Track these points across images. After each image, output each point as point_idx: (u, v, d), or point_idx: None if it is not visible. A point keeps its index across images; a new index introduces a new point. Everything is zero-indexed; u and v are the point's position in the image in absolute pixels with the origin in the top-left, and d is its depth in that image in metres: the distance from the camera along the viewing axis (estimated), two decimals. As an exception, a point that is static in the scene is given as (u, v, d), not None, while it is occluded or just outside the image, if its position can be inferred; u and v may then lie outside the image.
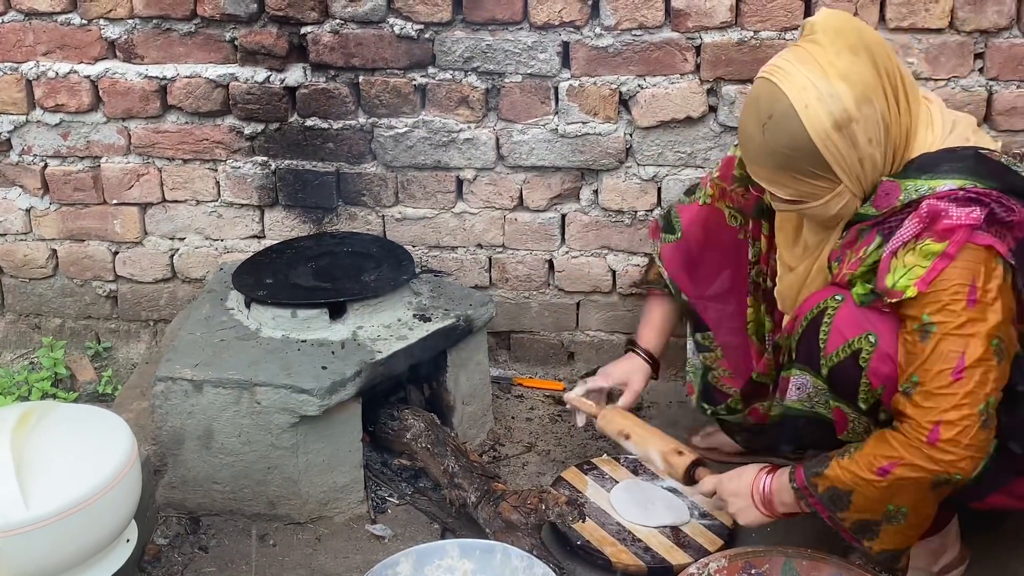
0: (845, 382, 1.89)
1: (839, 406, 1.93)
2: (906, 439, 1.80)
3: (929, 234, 1.78)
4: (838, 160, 1.82)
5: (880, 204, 1.85)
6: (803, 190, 1.88)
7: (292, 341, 2.37)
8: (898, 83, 1.85)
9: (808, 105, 1.79)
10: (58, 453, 1.86)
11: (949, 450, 1.76)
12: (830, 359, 1.89)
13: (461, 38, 2.66)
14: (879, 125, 1.82)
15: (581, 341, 2.95)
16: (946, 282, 1.76)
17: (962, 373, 1.76)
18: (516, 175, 2.79)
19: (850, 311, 1.86)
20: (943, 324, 1.77)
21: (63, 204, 2.95)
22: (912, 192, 1.82)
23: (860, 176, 1.86)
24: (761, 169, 1.89)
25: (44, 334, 3.07)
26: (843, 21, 1.87)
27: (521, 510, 2.18)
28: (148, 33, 2.75)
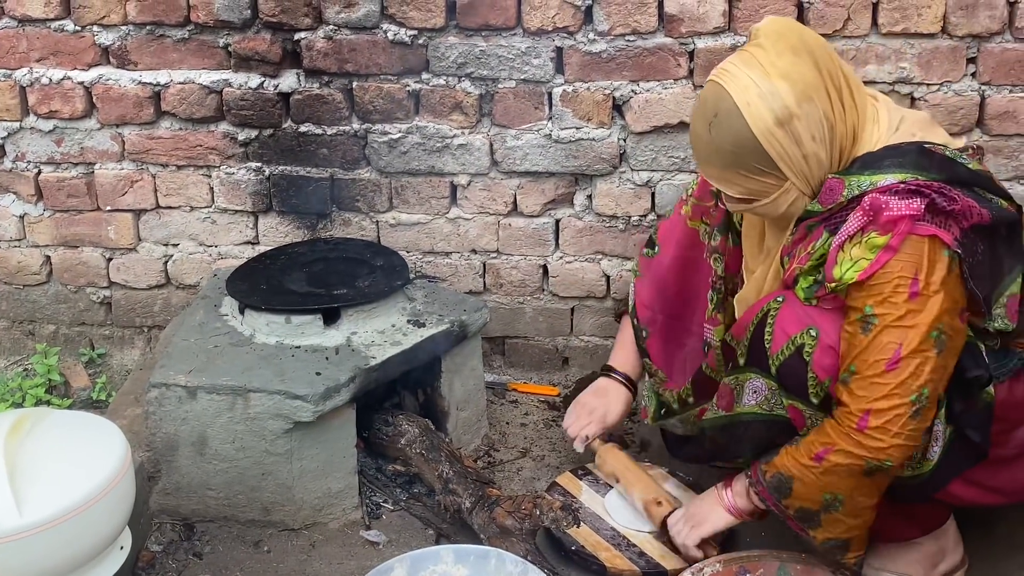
0: (794, 378, 1.92)
1: (792, 403, 1.95)
2: (839, 426, 1.86)
3: (873, 227, 1.82)
4: (782, 156, 1.87)
5: (825, 200, 1.91)
6: (752, 187, 1.93)
7: (286, 347, 2.37)
8: (841, 83, 1.90)
9: (750, 103, 1.85)
10: (52, 460, 1.85)
11: (877, 437, 1.82)
12: (776, 358, 1.93)
13: (455, 44, 2.66)
14: (822, 123, 1.87)
15: (575, 346, 2.95)
16: (889, 274, 1.81)
17: (897, 364, 1.81)
18: (510, 180, 2.79)
19: (791, 309, 1.91)
20: (884, 316, 1.82)
21: (57, 211, 2.95)
22: (855, 188, 1.87)
23: (806, 173, 1.90)
24: (711, 168, 1.95)
25: (38, 341, 3.07)
26: (785, 26, 1.94)
27: (515, 516, 2.18)
28: (142, 39, 2.75)
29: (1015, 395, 1.95)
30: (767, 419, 2.00)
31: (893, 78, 2.58)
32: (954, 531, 2.13)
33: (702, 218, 2.29)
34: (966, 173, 1.87)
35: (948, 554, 2.12)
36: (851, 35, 2.56)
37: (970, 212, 1.82)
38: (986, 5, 2.50)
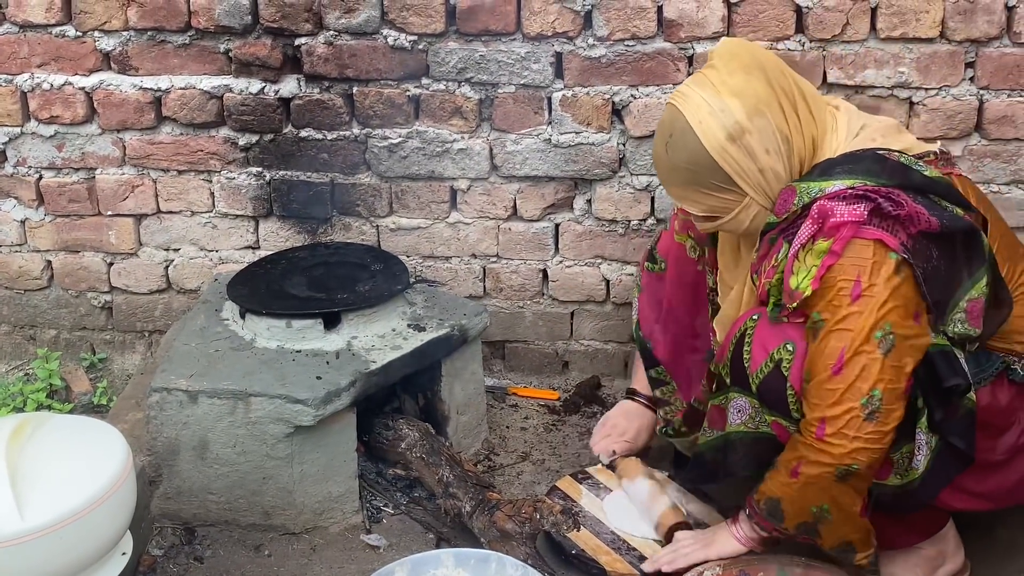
0: (774, 394, 1.93)
1: (775, 419, 1.96)
2: (803, 438, 1.89)
3: (821, 234, 1.84)
4: (737, 171, 1.91)
5: (779, 210, 1.94)
6: (712, 204, 1.96)
7: (287, 351, 2.38)
8: (795, 96, 1.93)
9: (702, 121, 1.89)
10: (53, 464, 1.86)
11: (836, 443, 1.84)
12: (756, 376, 1.94)
13: (454, 49, 2.67)
14: (775, 136, 1.90)
15: (575, 350, 2.96)
16: (833, 279, 1.83)
17: (841, 368, 1.82)
18: (510, 185, 2.80)
19: (767, 326, 1.93)
20: (828, 320, 1.84)
21: (58, 215, 2.95)
22: (805, 195, 1.89)
23: (764, 187, 1.93)
24: (672, 187, 2.00)
25: (39, 345, 3.07)
26: (737, 46, 1.98)
27: (516, 519, 2.18)
28: (143, 45, 2.76)
29: (998, 400, 1.95)
30: (754, 436, 2.01)
31: (892, 82, 2.59)
32: (954, 535, 2.13)
33: (688, 232, 2.31)
34: (920, 179, 1.88)
35: (949, 558, 2.12)
36: (850, 40, 2.57)
37: (918, 218, 1.82)
38: (984, 10, 2.51)
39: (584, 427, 2.75)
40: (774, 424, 1.96)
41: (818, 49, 2.58)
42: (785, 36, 2.58)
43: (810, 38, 2.58)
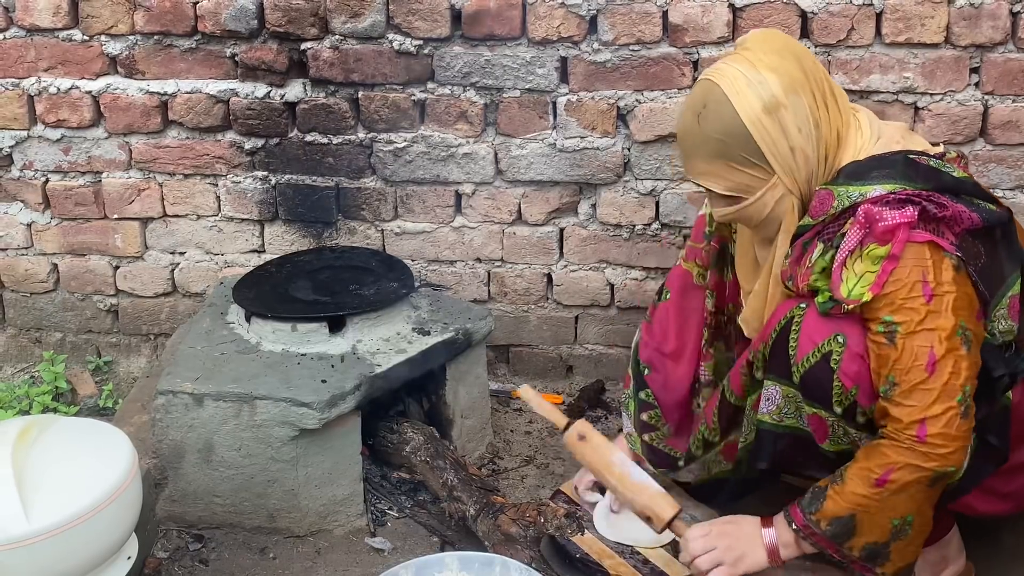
0: (818, 386, 1.90)
1: (815, 412, 1.93)
2: (896, 442, 1.81)
3: (871, 239, 1.82)
4: (770, 146, 1.88)
5: (816, 212, 1.91)
6: (738, 181, 1.92)
7: (292, 355, 2.38)
8: (825, 88, 1.92)
9: (739, 91, 1.87)
10: (59, 467, 1.86)
11: (940, 444, 1.79)
12: (801, 365, 1.91)
13: (460, 53, 2.68)
14: (808, 117, 1.89)
15: (580, 354, 2.96)
16: (898, 282, 1.80)
17: (934, 367, 1.79)
18: (514, 189, 2.80)
19: (816, 317, 1.89)
20: (906, 323, 1.81)
21: (64, 219, 2.96)
22: (844, 199, 1.87)
23: (792, 168, 1.90)
24: (698, 162, 1.94)
25: (45, 348, 3.08)
26: (770, 32, 2.00)
27: (520, 523, 2.18)
28: (149, 49, 2.77)
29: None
30: (776, 430, 2.00)
31: (897, 88, 2.59)
32: (957, 539, 2.13)
33: (695, 260, 2.29)
34: (951, 181, 1.87)
35: (951, 562, 2.12)
36: (855, 45, 2.57)
37: (961, 217, 1.83)
38: (989, 15, 2.51)
39: (588, 431, 2.75)
40: (813, 417, 1.93)
41: (823, 54, 2.59)
42: (790, 41, 2.58)
43: (815, 43, 2.58)
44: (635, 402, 2.33)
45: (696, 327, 2.29)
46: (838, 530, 1.87)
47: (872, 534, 1.86)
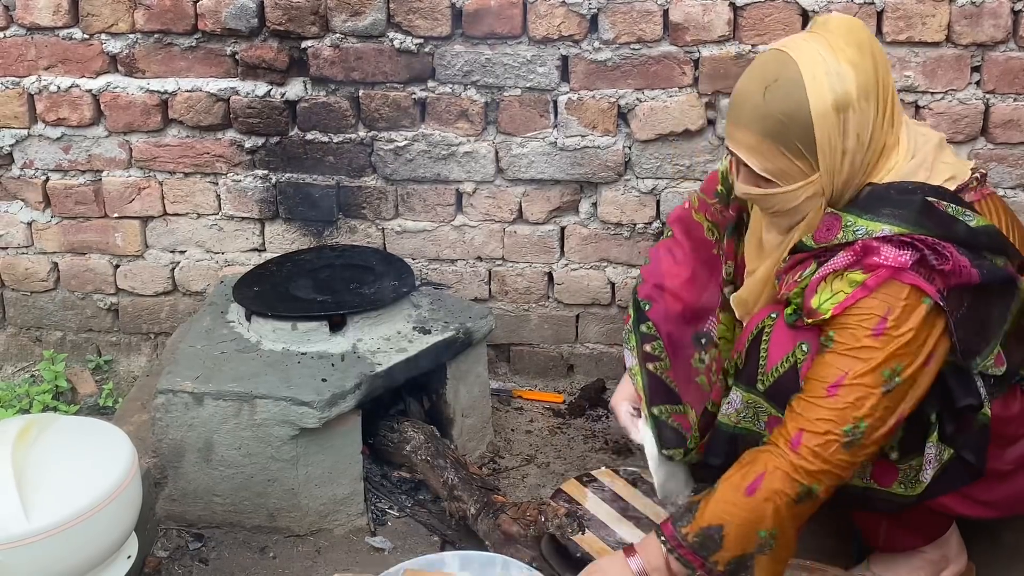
0: (784, 394, 1.89)
1: (775, 415, 1.92)
2: (771, 448, 1.83)
3: (858, 266, 1.80)
4: (825, 144, 1.81)
5: (820, 237, 1.87)
6: (780, 167, 1.85)
7: (292, 354, 2.38)
8: (889, 100, 1.86)
9: (816, 78, 1.79)
10: (59, 465, 1.86)
11: (808, 459, 1.79)
12: (771, 374, 1.91)
13: (460, 52, 2.67)
14: (868, 127, 1.83)
15: (580, 353, 2.96)
16: (859, 310, 1.78)
17: (836, 389, 1.78)
18: (515, 188, 2.80)
19: (783, 328, 1.90)
20: (840, 344, 1.79)
21: (64, 218, 2.96)
22: (850, 233, 1.83)
23: (836, 172, 1.85)
24: (749, 135, 1.85)
25: (45, 347, 3.08)
26: (855, 24, 1.87)
27: (521, 522, 2.18)
28: (149, 47, 2.76)
29: (1010, 410, 1.93)
30: (731, 432, 2.00)
31: (898, 86, 2.59)
32: (957, 538, 2.13)
33: (706, 214, 2.25)
34: (965, 231, 1.82)
35: (951, 561, 2.12)
36: (856, 43, 2.57)
37: (959, 271, 1.79)
38: (990, 14, 2.51)
39: (589, 430, 2.75)
40: (772, 419, 1.93)
41: (824, 53, 2.58)
42: (791, 40, 2.58)
43: (816, 42, 2.58)
44: (636, 335, 2.26)
45: (702, 265, 2.25)
46: (705, 542, 1.83)
47: (738, 547, 1.82)
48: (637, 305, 2.27)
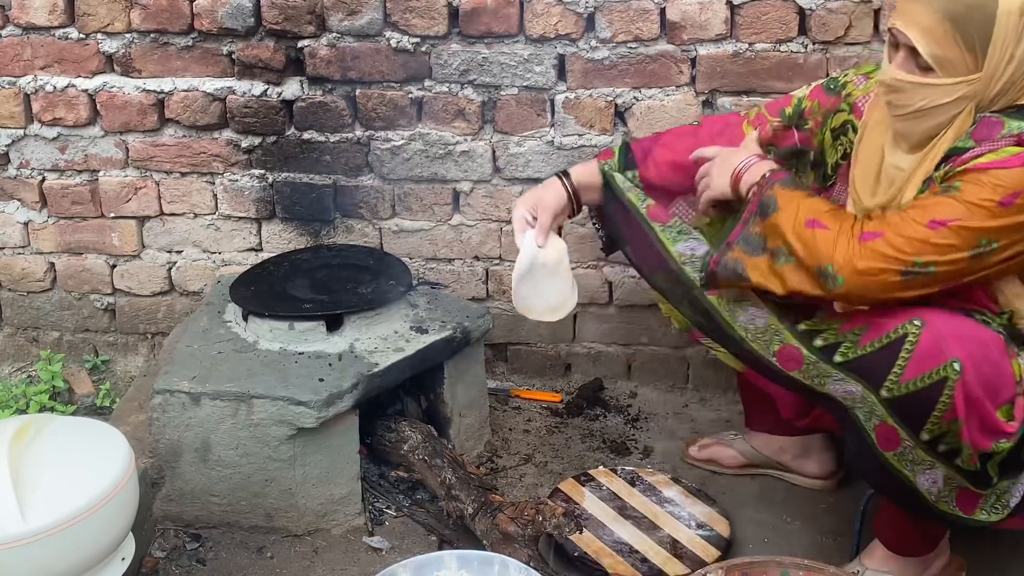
0: (915, 411, 1.83)
1: (895, 427, 1.87)
2: (848, 220, 1.85)
3: (1018, 143, 1.77)
4: (1000, 43, 1.78)
5: (980, 135, 1.82)
6: (946, 55, 1.79)
7: (289, 353, 2.38)
8: None
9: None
10: (55, 466, 1.86)
11: (863, 260, 1.80)
12: (905, 386, 1.82)
13: (457, 51, 2.67)
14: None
15: (578, 352, 2.96)
16: (1000, 174, 1.76)
17: (937, 227, 1.78)
18: (513, 187, 2.80)
19: (932, 338, 1.80)
20: (965, 193, 1.77)
21: (61, 217, 2.95)
22: (1015, 128, 1.79)
23: (997, 77, 1.80)
24: (928, 13, 1.79)
25: (42, 347, 3.07)
26: None
27: (518, 522, 2.18)
28: (146, 47, 2.76)
29: None
30: (846, 412, 1.94)
31: (895, 85, 2.59)
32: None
33: (760, 129, 2.21)
34: None
35: (938, 555, 2.12)
36: (853, 41, 2.57)
37: None
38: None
39: (587, 429, 2.75)
40: (885, 426, 1.86)
41: (821, 51, 2.58)
42: (788, 38, 2.58)
43: (813, 40, 2.58)
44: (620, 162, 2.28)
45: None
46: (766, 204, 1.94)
47: (768, 232, 1.92)
48: (625, 153, 2.28)
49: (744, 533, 2.35)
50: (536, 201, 2.26)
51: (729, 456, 2.56)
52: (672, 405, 2.85)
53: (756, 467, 2.55)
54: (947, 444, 1.83)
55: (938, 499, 1.90)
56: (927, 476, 1.88)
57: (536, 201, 2.26)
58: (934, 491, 1.89)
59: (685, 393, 2.90)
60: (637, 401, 2.87)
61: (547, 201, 2.25)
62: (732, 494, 2.48)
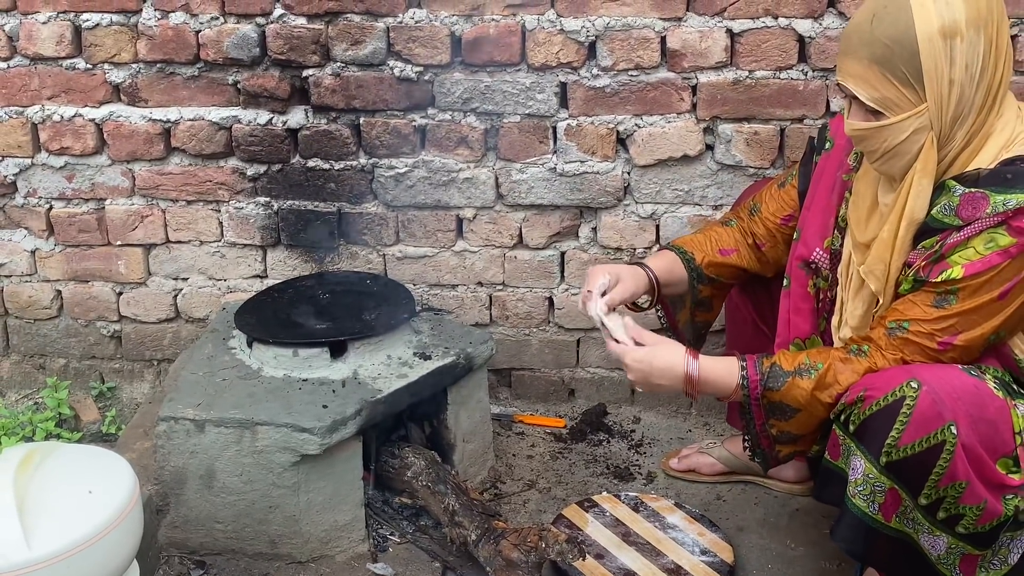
0: (913, 474, 1.83)
1: (896, 488, 1.87)
2: (862, 363, 1.93)
3: (1006, 227, 1.80)
4: (931, 70, 1.80)
5: (965, 214, 1.84)
6: (887, 95, 1.83)
7: (293, 380, 2.39)
8: (1003, 43, 1.84)
9: (924, 4, 1.80)
10: (60, 494, 1.87)
11: (894, 350, 1.91)
12: (903, 450, 1.82)
13: (460, 80, 2.69)
14: (978, 59, 1.81)
15: (582, 378, 2.96)
16: (991, 272, 1.81)
17: (946, 348, 1.88)
18: (515, 213, 2.81)
19: (930, 402, 1.80)
20: (963, 303, 1.85)
21: (68, 246, 2.98)
22: (1000, 205, 1.81)
23: (944, 103, 1.82)
24: (857, 63, 1.85)
25: (48, 374, 3.09)
26: None
27: (521, 548, 2.18)
28: (152, 77, 2.79)
29: None
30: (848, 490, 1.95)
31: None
32: None
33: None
34: None
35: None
36: (852, 69, 2.58)
37: None
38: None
39: (590, 455, 2.75)
40: (890, 492, 1.88)
41: (820, 78, 2.60)
42: (788, 65, 2.60)
43: (812, 67, 2.59)
44: None
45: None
46: (776, 408, 2.00)
47: (799, 427, 2.01)
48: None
49: (748, 559, 2.35)
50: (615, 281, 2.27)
51: (708, 464, 2.59)
52: (676, 431, 2.85)
53: (735, 473, 2.57)
54: (946, 511, 1.84)
55: (939, 562, 1.90)
56: (928, 539, 1.89)
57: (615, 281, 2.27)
58: (934, 555, 1.90)
59: (689, 419, 2.90)
60: (640, 426, 2.87)
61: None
62: (736, 520, 2.48)
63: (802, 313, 2.18)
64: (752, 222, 2.32)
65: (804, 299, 2.18)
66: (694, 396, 2.08)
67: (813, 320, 2.17)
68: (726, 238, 2.34)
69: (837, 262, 2.11)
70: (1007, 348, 1.92)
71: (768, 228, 2.30)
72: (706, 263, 2.33)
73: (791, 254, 2.21)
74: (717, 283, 2.36)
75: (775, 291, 2.27)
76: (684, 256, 2.33)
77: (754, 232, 2.32)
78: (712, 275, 2.34)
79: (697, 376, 2.03)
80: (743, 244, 2.33)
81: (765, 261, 2.33)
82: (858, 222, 2.05)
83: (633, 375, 2.09)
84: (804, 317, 2.18)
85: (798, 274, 2.18)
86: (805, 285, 2.17)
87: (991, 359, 1.93)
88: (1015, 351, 1.93)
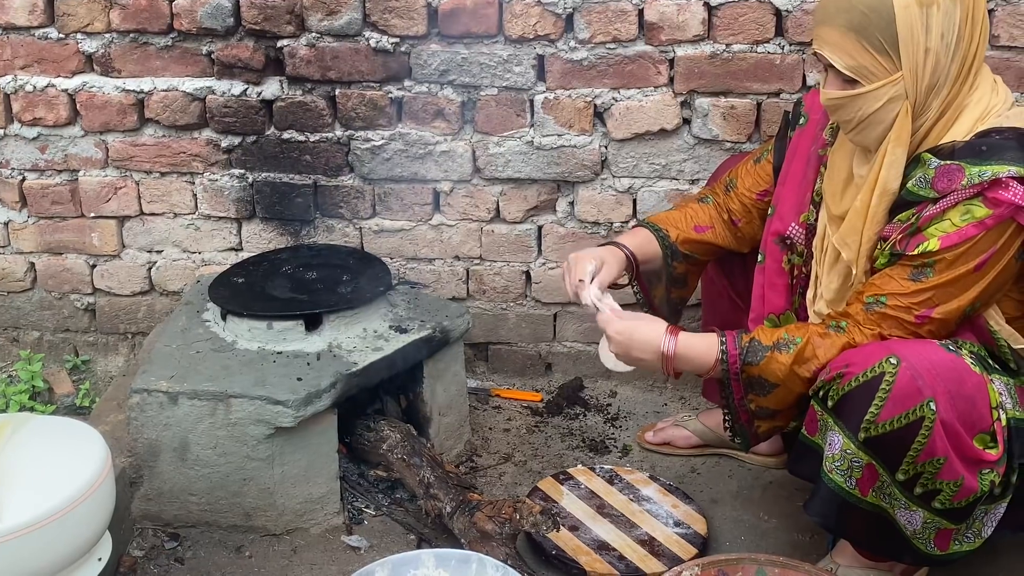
0: (891, 450, 1.84)
1: (874, 464, 1.88)
2: (840, 339, 1.93)
3: (982, 199, 1.80)
4: (907, 38, 1.80)
5: (941, 186, 1.84)
6: (862, 63, 1.83)
7: (268, 353, 2.38)
8: (979, 16, 1.84)
9: None
10: (31, 465, 1.86)
11: (871, 325, 1.92)
12: (881, 426, 1.82)
13: (437, 51, 2.68)
14: (955, 28, 1.82)
15: (558, 352, 2.97)
16: (966, 244, 1.82)
17: (923, 321, 1.89)
18: (492, 187, 2.81)
19: (909, 378, 1.80)
20: (940, 276, 1.85)
21: (41, 217, 2.95)
22: (975, 176, 1.81)
23: (919, 71, 1.83)
24: (832, 30, 1.85)
25: (22, 347, 3.07)
26: None
27: (496, 520, 2.18)
28: (125, 47, 2.76)
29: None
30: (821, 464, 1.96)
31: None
32: None
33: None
34: None
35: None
36: (829, 43, 2.58)
37: None
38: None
39: (566, 428, 2.76)
40: (868, 467, 1.88)
41: (797, 52, 2.60)
42: (765, 39, 2.59)
43: (789, 41, 2.59)
44: None
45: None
46: (754, 383, 2.01)
47: (776, 403, 2.01)
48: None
49: (721, 531, 2.36)
50: (600, 262, 2.30)
51: (683, 437, 2.61)
52: (651, 404, 2.86)
53: (709, 447, 2.59)
54: (923, 486, 1.85)
55: (914, 536, 1.92)
56: (905, 514, 1.91)
57: (600, 262, 2.30)
58: (909, 529, 1.92)
59: (664, 392, 2.91)
60: (617, 400, 2.88)
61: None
62: (710, 492, 2.50)
63: (776, 288, 2.19)
64: (728, 198, 2.32)
65: (778, 275, 2.19)
66: (674, 374, 2.09)
67: (787, 296, 2.18)
68: (702, 215, 2.34)
69: (812, 237, 2.12)
70: (981, 320, 1.93)
71: (744, 204, 2.30)
72: (680, 240, 2.33)
73: (766, 229, 2.22)
74: (692, 260, 2.36)
75: (751, 266, 2.27)
76: (658, 233, 2.34)
77: (730, 208, 2.32)
78: (686, 252, 2.34)
79: (672, 353, 2.05)
80: (719, 221, 2.33)
81: (741, 237, 2.33)
82: (833, 195, 2.05)
83: (615, 347, 2.13)
84: (778, 292, 2.19)
85: (773, 249, 2.19)
86: (780, 261, 2.18)
87: (966, 332, 1.94)
88: (990, 322, 1.93)
